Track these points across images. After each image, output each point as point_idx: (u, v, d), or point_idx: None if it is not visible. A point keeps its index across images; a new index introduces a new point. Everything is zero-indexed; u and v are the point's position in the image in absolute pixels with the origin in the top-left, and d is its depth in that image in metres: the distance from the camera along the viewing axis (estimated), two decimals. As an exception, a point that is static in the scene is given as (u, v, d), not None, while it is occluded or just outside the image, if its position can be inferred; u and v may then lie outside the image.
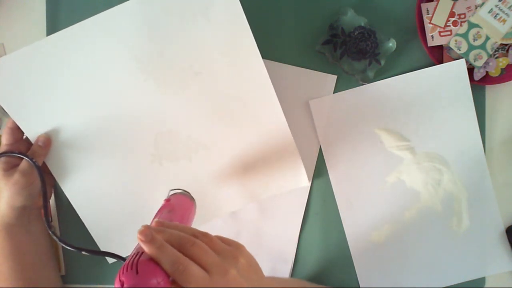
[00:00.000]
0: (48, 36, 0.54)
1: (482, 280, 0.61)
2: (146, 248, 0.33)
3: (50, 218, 0.54)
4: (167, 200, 0.48)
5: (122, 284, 0.32)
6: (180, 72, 0.55)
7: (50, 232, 0.52)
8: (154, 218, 0.45)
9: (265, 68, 0.54)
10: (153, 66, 0.55)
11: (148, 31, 0.54)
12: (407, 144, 0.60)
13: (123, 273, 0.32)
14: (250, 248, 0.39)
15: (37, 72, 0.55)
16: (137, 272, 0.32)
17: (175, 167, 0.58)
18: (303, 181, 0.60)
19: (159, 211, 0.46)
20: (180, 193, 0.52)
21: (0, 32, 0.64)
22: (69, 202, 0.59)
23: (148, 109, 0.56)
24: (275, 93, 0.55)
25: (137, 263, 0.32)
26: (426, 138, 0.60)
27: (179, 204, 0.49)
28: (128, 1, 0.53)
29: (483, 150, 0.60)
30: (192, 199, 0.52)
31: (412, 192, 0.61)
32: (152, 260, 0.33)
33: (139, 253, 0.34)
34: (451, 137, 0.60)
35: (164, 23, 0.54)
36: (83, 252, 0.49)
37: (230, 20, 0.53)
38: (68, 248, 0.49)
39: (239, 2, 0.52)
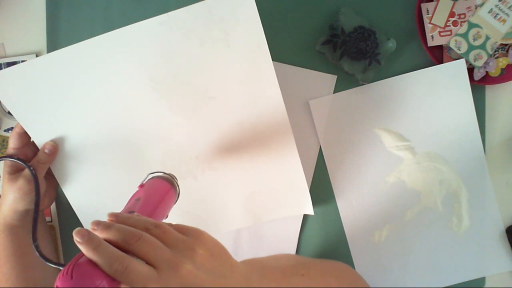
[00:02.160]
0: (64, 48, 0.52)
1: (482, 280, 0.61)
2: (82, 250, 0.31)
3: (40, 226, 0.52)
4: (141, 186, 0.46)
5: None
6: (194, 95, 0.54)
7: (33, 246, 0.49)
8: (124, 208, 0.42)
9: (282, 101, 0.53)
10: (167, 87, 0.54)
11: (165, 52, 0.52)
12: (407, 144, 0.60)
13: (59, 278, 0.30)
14: (250, 248, 0.36)
15: (49, 81, 0.54)
16: (71, 277, 0.29)
17: (180, 184, 0.57)
18: (308, 210, 0.59)
19: (130, 199, 0.44)
20: (158, 177, 0.48)
21: (0, 32, 0.64)
22: (69, 203, 0.59)
23: (157, 126, 0.56)
24: (290, 127, 0.54)
25: (73, 267, 0.30)
26: (426, 138, 0.60)
27: (152, 190, 0.45)
28: (148, 20, 0.51)
29: (483, 150, 0.60)
30: (172, 183, 0.48)
31: (412, 192, 0.61)
32: (92, 262, 0.31)
33: (79, 256, 0.32)
34: (451, 137, 0.60)
35: (183, 46, 0.52)
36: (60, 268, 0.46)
37: (251, 48, 0.52)
38: (49, 264, 0.48)
39: (263, 32, 0.50)
